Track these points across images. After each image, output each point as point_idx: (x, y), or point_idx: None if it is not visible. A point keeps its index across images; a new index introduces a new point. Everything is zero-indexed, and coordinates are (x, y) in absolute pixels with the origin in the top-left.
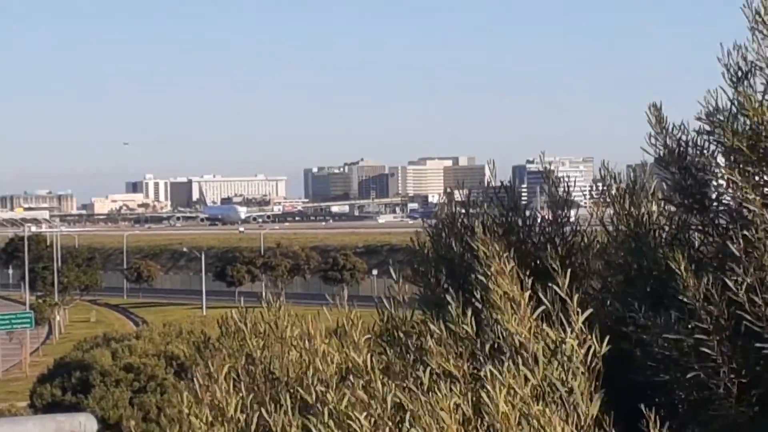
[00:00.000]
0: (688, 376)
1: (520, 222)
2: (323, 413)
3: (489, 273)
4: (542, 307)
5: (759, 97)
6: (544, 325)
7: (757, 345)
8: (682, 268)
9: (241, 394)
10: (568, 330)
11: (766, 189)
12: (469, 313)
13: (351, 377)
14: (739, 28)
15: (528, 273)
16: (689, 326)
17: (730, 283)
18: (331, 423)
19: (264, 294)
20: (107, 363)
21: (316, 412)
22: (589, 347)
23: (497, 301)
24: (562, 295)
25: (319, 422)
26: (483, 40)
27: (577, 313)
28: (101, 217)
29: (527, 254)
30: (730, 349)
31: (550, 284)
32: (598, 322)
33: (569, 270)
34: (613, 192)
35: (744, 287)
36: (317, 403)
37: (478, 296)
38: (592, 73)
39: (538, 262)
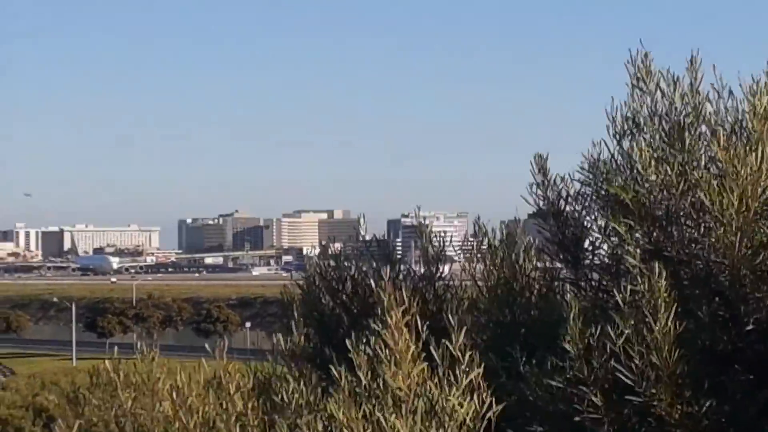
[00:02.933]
0: (575, 420)
1: (392, 276)
2: None
3: (388, 324)
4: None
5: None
6: (428, 381)
7: (628, 398)
8: (571, 316)
9: None
10: (450, 387)
11: (644, 244)
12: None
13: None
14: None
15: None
16: (567, 376)
17: (612, 333)
18: None
19: (136, 345)
20: None
21: None
22: (475, 407)
23: (387, 352)
24: (454, 351)
25: None
26: (357, 93)
27: (466, 371)
28: None
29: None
30: (606, 400)
31: (443, 340)
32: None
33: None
34: (485, 247)
35: (623, 338)
36: None
37: (370, 347)
38: (470, 126)
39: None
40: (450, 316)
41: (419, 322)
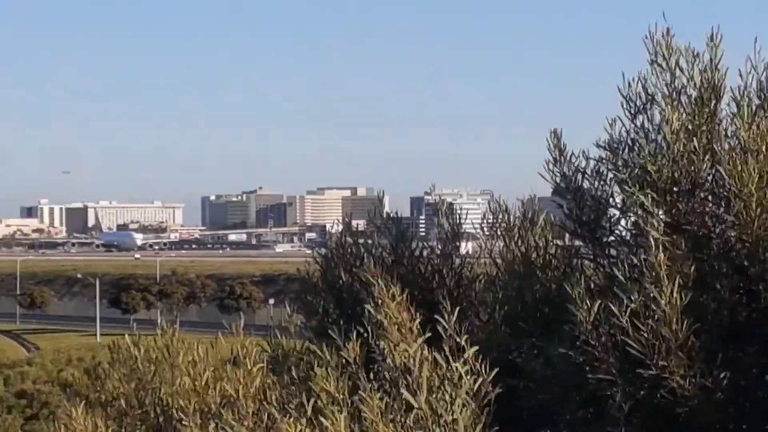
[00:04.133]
0: (589, 391)
1: (407, 253)
2: None
3: (379, 302)
4: (427, 335)
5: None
6: (434, 353)
7: (638, 370)
8: (576, 294)
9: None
10: (457, 359)
11: (664, 216)
12: (355, 340)
13: (227, 409)
14: (639, 58)
15: (414, 304)
16: (579, 350)
17: (615, 309)
18: None
19: (159, 320)
20: None
21: None
22: (476, 378)
23: (386, 327)
24: (449, 329)
25: None
26: (380, 69)
27: (465, 345)
28: None
29: (414, 285)
30: (618, 372)
31: (436, 317)
32: (485, 352)
33: (457, 303)
34: (504, 225)
35: (628, 312)
36: None
37: (366, 325)
38: (493, 103)
39: (423, 293)
40: (441, 294)
41: (406, 299)
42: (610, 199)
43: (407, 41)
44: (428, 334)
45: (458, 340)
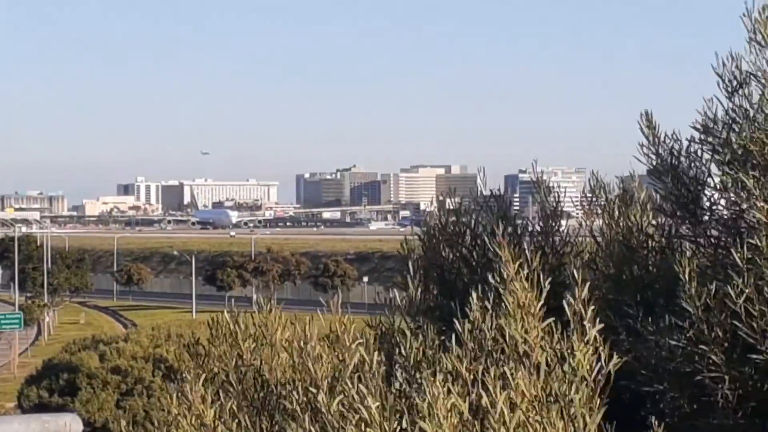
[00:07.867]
0: (695, 379)
1: (510, 230)
2: (313, 418)
3: (505, 278)
4: (550, 319)
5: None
6: (551, 336)
7: (751, 356)
8: (686, 275)
9: (219, 402)
10: (577, 341)
11: None
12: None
13: (347, 377)
14: (733, 37)
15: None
16: (686, 335)
17: (732, 292)
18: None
19: (254, 297)
20: (94, 365)
21: (300, 417)
22: (595, 360)
23: (511, 306)
24: (576, 307)
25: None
26: (475, 48)
27: (590, 325)
28: (92, 218)
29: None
30: (727, 359)
31: (567, 294)
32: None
33: (558, 281)
34: (603, 202)
35: (743, 297)
36: (307, 408)
37: (490, 301)
38: (585, 81)
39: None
40: (574, 270)
41: (541, 277)
42: (708, 180)
43: (500, 19)
44: (551, 319)
45: (584, 317)
